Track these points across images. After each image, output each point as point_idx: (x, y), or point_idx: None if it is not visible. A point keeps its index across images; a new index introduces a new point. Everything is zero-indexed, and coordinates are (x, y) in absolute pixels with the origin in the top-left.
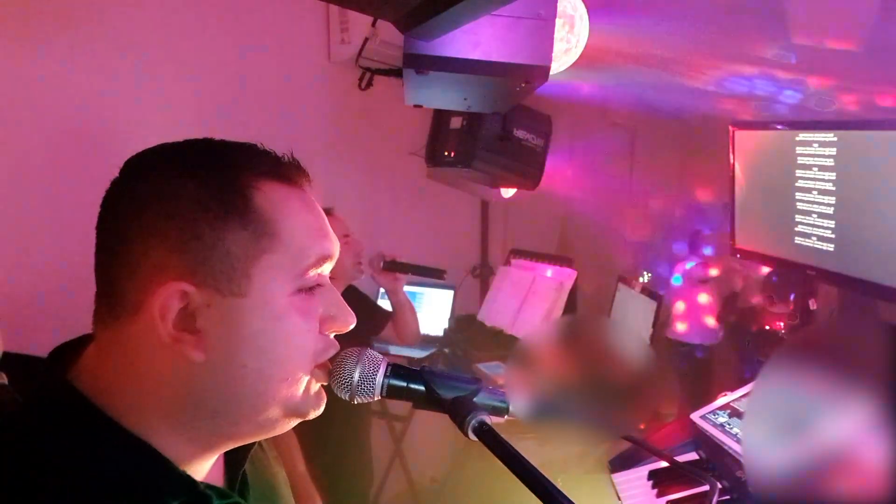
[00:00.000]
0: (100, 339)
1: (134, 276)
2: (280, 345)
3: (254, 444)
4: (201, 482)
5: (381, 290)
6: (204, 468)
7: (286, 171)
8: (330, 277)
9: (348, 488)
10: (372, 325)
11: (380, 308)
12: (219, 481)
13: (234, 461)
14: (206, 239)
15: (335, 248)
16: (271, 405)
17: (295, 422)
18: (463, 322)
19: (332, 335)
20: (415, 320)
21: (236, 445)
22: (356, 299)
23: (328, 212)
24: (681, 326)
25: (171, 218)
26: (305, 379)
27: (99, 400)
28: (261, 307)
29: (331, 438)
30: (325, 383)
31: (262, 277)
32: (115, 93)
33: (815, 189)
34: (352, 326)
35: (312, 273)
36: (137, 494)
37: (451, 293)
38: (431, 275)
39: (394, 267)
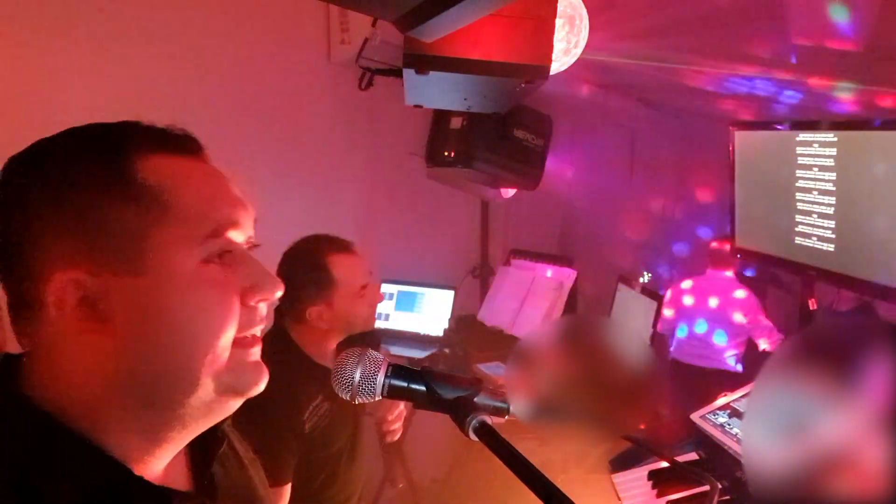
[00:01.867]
0: (27, 349)
1: (31, 275)
2: (192, 319)
3: (219, 444)
4: (161, 485)
5: (379, 308)
6: (161, 464)
7: (175, 142)
8: (333, 332)
9: None
10: (371, 341)
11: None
12: (184, 484)
13: (200, 463)
14: (92, 221)
15: (240, 214)
16: (199, 384)
17: (236, 401)
18: (463, 322)
19: (259, 305)
20: None
21: (189, 435)
22: None
23: (347, 248)
24: None
25: (54, 206)
26: (227, 351)
27: (51, 406)
28: (164, 283)
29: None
30: (259, 359)
31: (160, 252)
32: (115, 93)
33: (815, 189)
34: (278, 293)
35: (217, 241)
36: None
37: (451, 293)
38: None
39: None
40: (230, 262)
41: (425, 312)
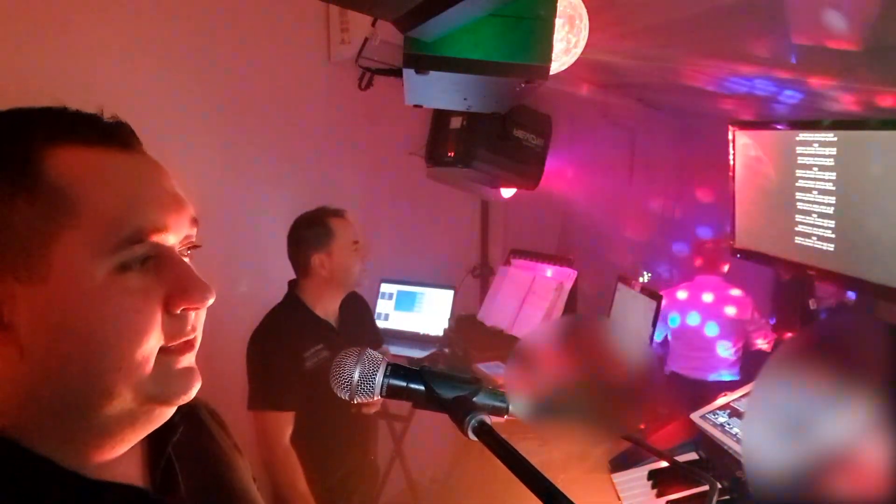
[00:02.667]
0: None
1: None
2: (103, 330)
3: (168, 438)
4: (104, 480)
5: (379, 308)
6: (107, 457)
7: (95, 132)
8: (333, 281)
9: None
10: (373, 339)
11: (378, 331)
12: (138, 480)
13: (154, 451)
14: None
15: (169, 216)
16: (114, 395)
17: (164, 409)
18: (463, 322)
19: (188, 312)
20: None
21: (123, 442)
22: (363, 307)
23: (341, 213)
24: None
25: None
26: (151, 362)
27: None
28: (69, 291)
29: (335, 456)
30: (192, 365)
31: (66, 258)
32: (115, 93)
33: (815, 189)
34: (210, 301)
35: (136, 247)
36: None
37: (451, 293)
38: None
39: None
40: (153, 268)
41: (425, 312)
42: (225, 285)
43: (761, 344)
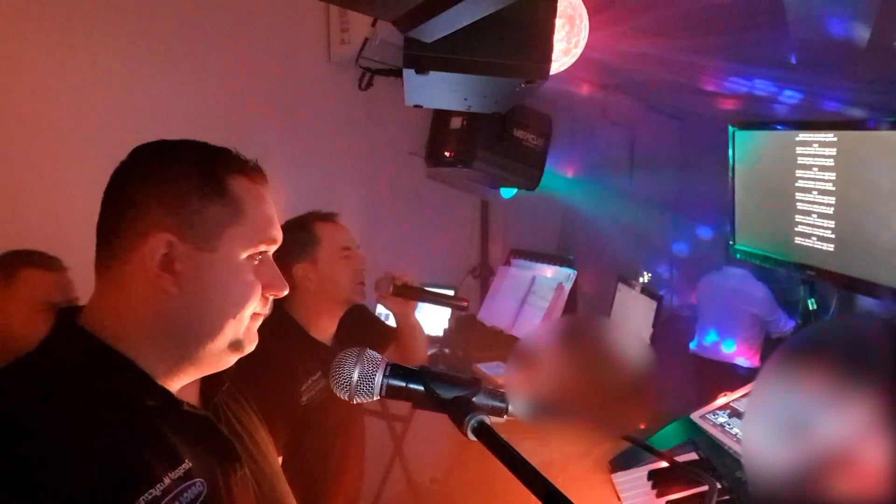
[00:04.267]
0: (100, 282)
1: (135, 227)
2: (233, 291)
3: (222, 381)
4: (174, 395)
5: (379, 309)
6: (178, 385)
7: (251, 170)
8: (324, 295)
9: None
10: (374, 342)
11: (385, 325)
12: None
13: (208, 393)
14: (194, 207)
15: (277, 233)
16: (220, 337)
17: (235, 355)
18: (463, 322)
19: (269, 296)
20: (424, 345)
21: (199, 373)
22: (359, 315)
23: (331, 217)
24: None
25: (170, 189)
26: (246, 321)
27: (99, 331)
28: (225, 262)
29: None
30: (256, 330)
31: (229, 242)
32: (115, 92)
33: (815, 189)
34: (284, 293)
35: (262, 248)
36: (123, 397)
37: (451, 293)
38: (450, 304)
39: (406, 292)
40: (261, 262)
41: (425, 312)
42: None
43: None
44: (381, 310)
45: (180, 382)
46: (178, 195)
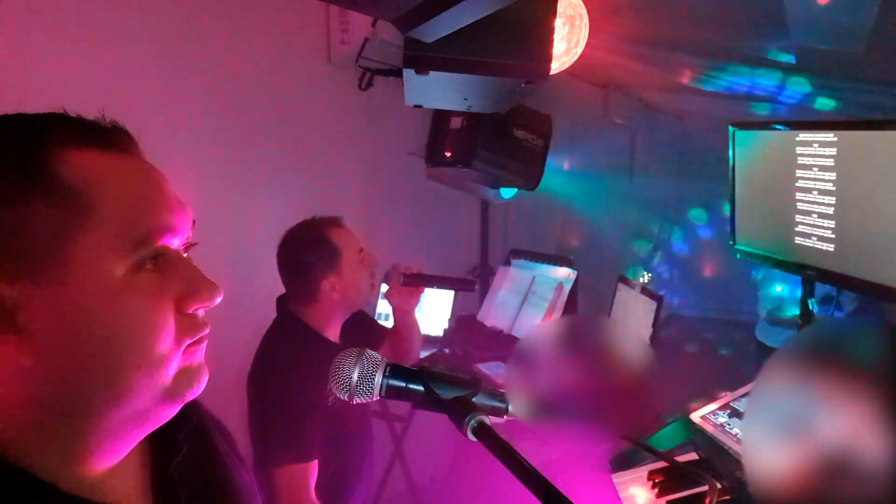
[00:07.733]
0: None
1: None
2: (123, 331)
3: (172, 458)
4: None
5: (379, 309)
6: (116, 482)
7: (103, 136)
8: (345, 304)
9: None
10: (369, 340)
11: (378, 324)
12: (137, 485)
13: (158, 476)
14: (6, 223)
15: (176, 217)
16: (132, 394)
17: (173, 407)
18: (463, 322)
19: (199, 311)
20: (418, 345)
21: (125, 445)
22: (353, 314)
23: (339, 221)
24: None
25: None
26: (170, 361)
27: None
28: (89, 292)
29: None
30: (202, 361)
31: (84, 259)
32: (114, 92)
33: (815, 189)
34: (218, 299)
35: (149, 248)
36: None
37: (451, 293)
38: (459, 286)
39: (418, 281)
40: (163, 268)
41: (425, 312)
42: (224, 285)
43: None
44: (380, 310)
45: (113, 458)
46: None
